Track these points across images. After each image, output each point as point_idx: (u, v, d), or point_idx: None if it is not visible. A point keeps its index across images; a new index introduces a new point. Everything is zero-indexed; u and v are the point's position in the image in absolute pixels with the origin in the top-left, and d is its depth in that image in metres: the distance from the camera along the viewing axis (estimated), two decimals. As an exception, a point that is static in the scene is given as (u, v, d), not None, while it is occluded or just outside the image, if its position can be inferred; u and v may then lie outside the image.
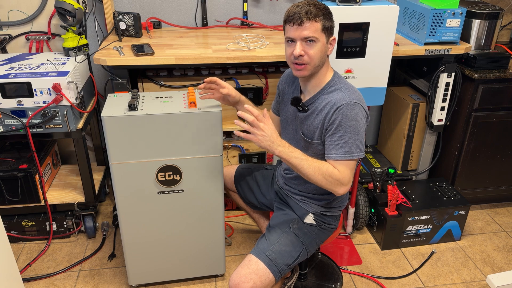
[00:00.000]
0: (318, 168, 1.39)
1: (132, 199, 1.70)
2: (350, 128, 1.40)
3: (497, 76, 2.16)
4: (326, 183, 1.40)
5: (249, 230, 2.34)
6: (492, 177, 2.46)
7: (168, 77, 2.12)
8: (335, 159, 1.41)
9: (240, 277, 1.43)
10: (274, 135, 1.36)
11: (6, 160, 2.10)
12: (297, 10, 1.37)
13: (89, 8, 2.24)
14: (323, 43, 1.41)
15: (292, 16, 1.38)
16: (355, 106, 1.41)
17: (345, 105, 1.40)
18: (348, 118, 1.40)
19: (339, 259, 2.14)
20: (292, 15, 1.38)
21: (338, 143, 1.41)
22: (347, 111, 1.40)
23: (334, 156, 1.42)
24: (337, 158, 1.41)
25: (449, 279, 2.04)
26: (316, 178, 1.39)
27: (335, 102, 1.42)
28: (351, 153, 1.40)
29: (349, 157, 1.41)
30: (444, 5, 2.03)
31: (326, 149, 1.45)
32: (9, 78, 1.82)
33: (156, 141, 1.61)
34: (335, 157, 1.41)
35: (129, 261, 1.84)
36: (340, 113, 1.40)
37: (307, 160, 1.39)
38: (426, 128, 2.37)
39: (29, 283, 1.96)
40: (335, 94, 1.45)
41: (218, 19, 2.42)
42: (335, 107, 1.41)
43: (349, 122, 1.40)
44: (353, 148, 1.40)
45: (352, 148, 1.40)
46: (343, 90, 1.45)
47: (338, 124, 1.41)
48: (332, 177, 1.39)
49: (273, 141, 1.35)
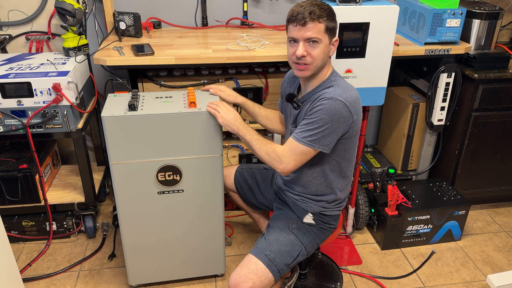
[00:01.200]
0: (265, 145, 1.49)
1: (132, 199, 1.70)
2: (321, 120, 1.39)
3: (497, 76, 2.16)
4: (268, 159, 1.48)
5: (249, 230, 2.34)
6: (492, 177, 2.46)
7: (168, 77, 2.12)
8: (292, 138, 1.44)
9: (239, 277, 1.43)
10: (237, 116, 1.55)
11: (6, 160, 2.10)
12: (301, 10, 1.36)
13: (89, 8, 2.24)
14: (326, 44, 1.41)
15: (296, 16, 1.37)
16: (338, 103, 1.38)
17: (329, 99, 1.39)
18: (325, 112, 1.38)
19: (339, 259, 2.14)
20: (295, 15, 1.37)
21: (303, 128, 1.42)
22: (328, 105, 1.38)
23: (293, 136, 1.44)
24: (293, 138, 1.44)
25: (449, 279, 2.04)
26: (262, 155, 1.49)
27: (323, 97, 1.42)
28: (309, 141, 1.40)
29: (303, 142, 1.41)
30: (444, 5, 2.03)
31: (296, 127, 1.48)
32: (9, 78, 1.82)
33: (156, 141, 1.61)
34: (292, 136, 1.44)
35: (129, 261, 1.84)
36: (321, 104, 1.40)
37: (259, 139, 1.51)
38: (426, 128, 2.37)
39: (29, 283, 1.96)
40: (327, 90, 1.44)
41: (218, 19, 2.42)
42: (319, 98, 1.42)
43: (323, 115, 1.38)
44: (313, 138, 1.39)
45: (312, 137, 1.40)
46: (335, 88, 1.44)
47: (314, 112, 1.40)
48: (274, 153, 1.46)
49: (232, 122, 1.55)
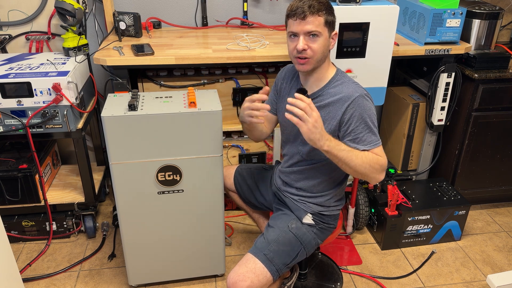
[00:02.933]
0: (366, 157, 1.39)
1: (132, 199, 1.70)
2: (369, 118, 1.43)
3: (497, 76, 2.16)
4: (372, 171, 1.40)
5: (249, 230, 2.34)
6: (492, 177, 2.45)
7: (168, 77, 2.12)
8: (372, 148, 1.43)
9: (237, 276, 1.43)
10: (323, 128, 1.32)
11: (6, 160, 2.10)
12: (300, 5, 1.38)
13: (89, 8, 2.24)
14: (325, 37, 1.42)
15: (295, 10, 1.39)
16: (366, 98, 1.44)
17: (358, 97, 1.43)
18: (365, 109, 1.43)
19: (339, 259, 2.14)
20: (295, 10, 1.39)
21: (364, 134, 1.43)
22: (363, 103, 1.43)
23: (368, 146, 1.43)
24: (371, 147, 1.43)
25: (449, 279, 2.04)
26: (363, 168, 1.38)
27: (348, 96, 1.44)
28: (377, 140, 1.44)
29: (378, 144, 1.44)
30: (444, 5, 2.03)
31: (357, 141, 1.43)
32: (9, 78, 1.82)
33: (156, 141, 1.61)
34: (369, 147, 1.43)
35: (129, 261, 1.84)
36: (357, 106, 1.42)
37: (353, 151, 1.38)
38: (426, 128, 2.37)
39: (29, 283, 1.96)
40: (343, 88, 1.47)
41: (218, 19, 2.42)
42: (349, 100, 1.43)
43: (368, 112, 1.43)
44: (377, 135, 1.45)
45: (377, 135, 1.45)
46: (349, 84, 1.47)
47: (358, 116, 1.42)
48: (378, 164, 1.41)
49: (322, 134, 1.31)
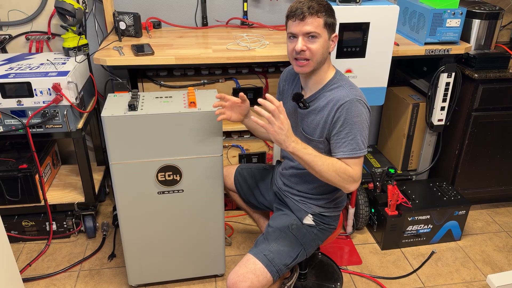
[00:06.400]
0: (332, 165, 1.37)
1: (132, 199, 1.70)
2: (355, 125, 1.40)
3: (497, 76, 2.16)
4: (339, 180, 1.38)
5: (249, 230, 2.34)
6: (492, 177, 2.45)
7: (168, 77, 2.12)
8: (344, 156, 1.40)
9: (237, 276, 1.43)
10: (290, 130, 1.32)
11: (6, 160, 2.10)
12: (299, 6, 1.38)
13: (89, 8, 2.24)
14: (325, 39, 1.41)
15: (295, 11, 1.39)
16: (358, 103, 1.41)
17: (349, 102, 1.40)
18: (352, 115, 1.40)
19: (339, 259, 2.14)
20: (294, 11, 1.39)
21: (345, 140, 1.40)
22: (351, 108, 1.40)
23: (342, 153, 1.41)
24: (346, 156, 1.40)
25: (449, 279, 2.04)
26: (329, 175, 1.36)
27: (338, 99, 1.42)
28: (358, 149, 1.40)
29: (357, 154, 1.40)
30: (444, 5, 2.03)
31: (334, 147, 1.43)
32: (9, 78, 1.82)
33: (156, 141, 1.61)
34: (343, 155, 1.40)
35: (129, 261, 1.84)
36: (344, 110, 1.40)
37: (321, 157, 1.35)
38: (426, 128, 2.37)
39: (29, 283, 1.96)
40: (337, 92, 1.45)
41: (218, 19, 2.42)
42: (338, 104, 1.41)
43: (354, 119, 1.40)
44: (360, 144, 1.40)
45: (359, 144, 1.40)
46: (345, 88, 1.45)
47: (343, 121, 1.40)
48: (346, 174, 1.38)
49: (288, 136, 1.31)
